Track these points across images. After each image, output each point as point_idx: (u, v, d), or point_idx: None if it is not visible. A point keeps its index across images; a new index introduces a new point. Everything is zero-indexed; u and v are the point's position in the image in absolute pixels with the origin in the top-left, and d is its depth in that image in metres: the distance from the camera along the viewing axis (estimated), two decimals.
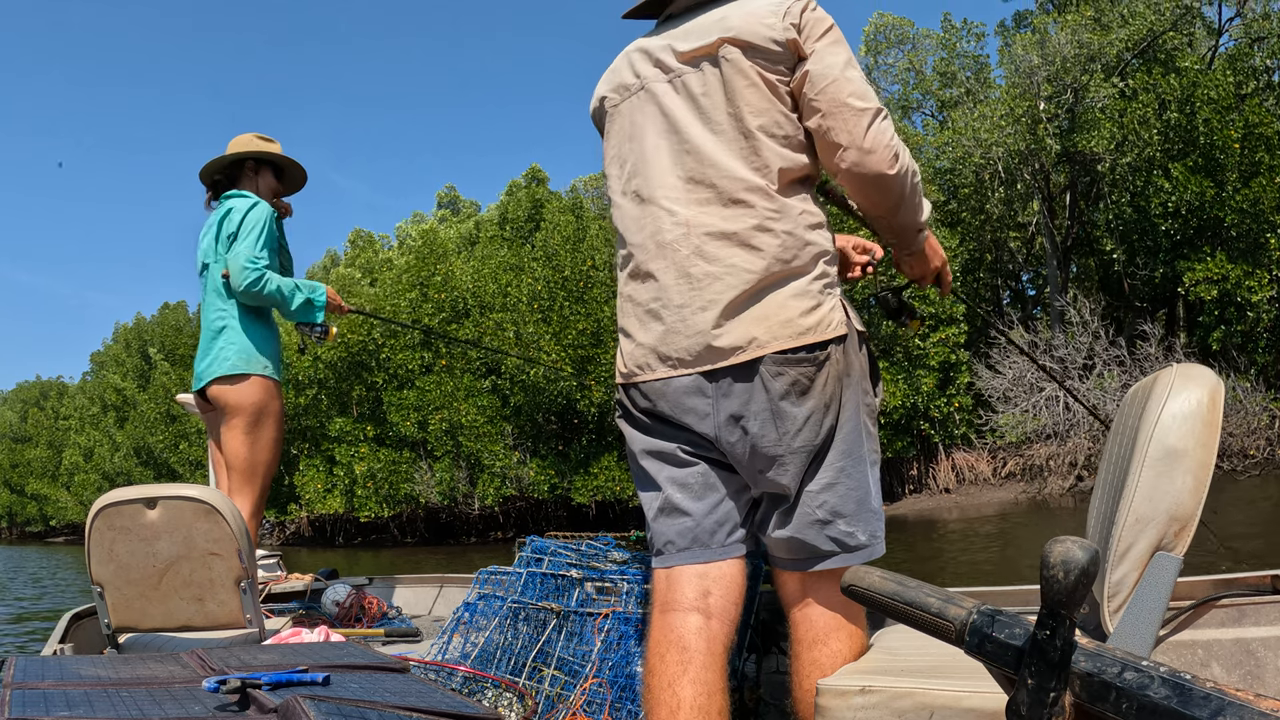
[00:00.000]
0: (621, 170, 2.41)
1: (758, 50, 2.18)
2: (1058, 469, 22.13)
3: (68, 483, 54.56)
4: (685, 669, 2.14)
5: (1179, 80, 22.46)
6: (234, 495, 4.03)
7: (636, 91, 2.39)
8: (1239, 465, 19.66)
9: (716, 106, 2.24)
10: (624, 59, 2.46)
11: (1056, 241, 26.45)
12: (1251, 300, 20.71)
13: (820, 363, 2.15)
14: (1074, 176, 25.99)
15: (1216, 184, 21.39)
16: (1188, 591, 2.52)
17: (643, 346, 2.29)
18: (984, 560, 11.82)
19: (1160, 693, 0.84)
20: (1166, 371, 1.68)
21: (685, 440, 2.29)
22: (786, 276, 2.17)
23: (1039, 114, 24.65)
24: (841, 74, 2.15)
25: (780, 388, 2.13)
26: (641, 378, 2.30)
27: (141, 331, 55.07)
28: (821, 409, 2.16)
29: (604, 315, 24.52)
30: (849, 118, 2.13)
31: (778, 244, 2.17)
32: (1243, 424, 20.18)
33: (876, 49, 30.35)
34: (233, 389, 4.00)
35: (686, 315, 2.20)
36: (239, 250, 3.95)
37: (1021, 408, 22.36)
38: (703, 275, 2.19)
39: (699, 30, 2.28)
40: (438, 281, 29.14)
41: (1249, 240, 20.97)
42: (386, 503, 28.82)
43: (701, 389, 2.21)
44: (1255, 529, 11.72)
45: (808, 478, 2.19)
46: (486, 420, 27.06)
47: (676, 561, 2.28)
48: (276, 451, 4.12)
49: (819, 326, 2.15)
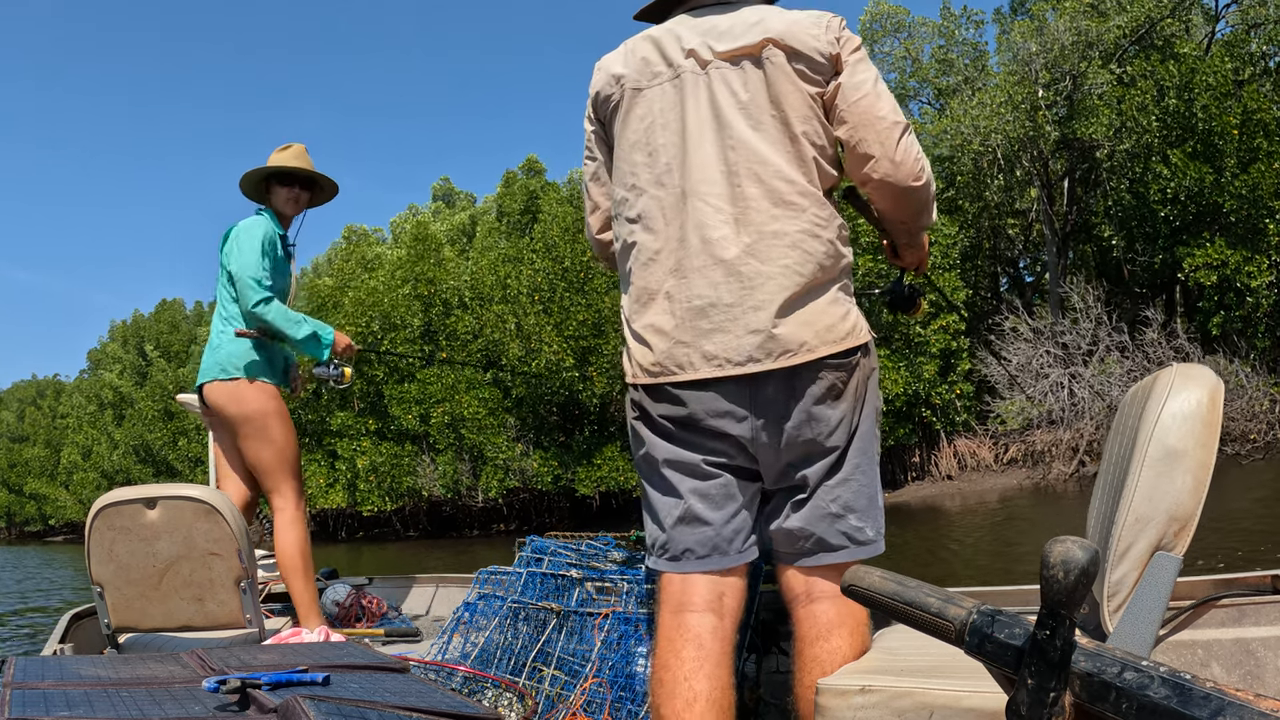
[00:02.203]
0: (652, 159, 2.33)
1: (802, 58, 2.21)
2: (1061, 454, 22.15)
3: (66, 481, 54.51)
4: (701, 664, 2.18)
5: (1177, 67, 22.40)
6: (271, 493, 4.09)
7: (670, 79, 2.33)
8: (1242, 450, 19.68)
9: (760, 107, 2.24)
10: (647, 42, 2.40)
11: (1055, 228, 26.42)
12: (1251, 285, 20.70)
13: (852, 368, 2.21)
14: (1072, 163, 25.95)
15: (1215, 170, 21.35)
16: (1188, 591, 2.53)
17: (683, 345, 2.24)
18: (987, 547, 11.82)
19: (1160, 693, 0.84)
20: (1166, 371, 1.67)
21: (710, 449, 2.27)
22: (826, 283, 2.22)
23: (1037, 101, 24.60)
24: (873, 89, 2.21)
25: (819, 391, 2.17)
26: (678, 377, 2.25)
27: (139, 329, 55.08)
28: (851, 411, 2.22)
29: (605, 306, 24.49)
30: (881, 131, 2.19)
31: (823, 251, 2.20)
32: (1244, 409, 20.19)
33: (872, 37, 30.27)
34: (228, 395, 4.03)
35: (737, 314, 2.18)
36: (240, 270, 4.00)
37: (1028, 393, 22.39)
38: (755, 274, 2.18)
39: (738, 29, 2.27)
40: (430, 276, 29.12)
41: (1248, 226, 20.96)
42: (389, 496, 28.84)
43: (742, 390, 2.21)
44: (1260, 514, 11.72)
45: (826, 474, 2.23)
46: (488, 412, 27.07)
47: (694, 569, 2.29)
48: (295, 445, 4.16)
49: (853, 332, 2.21)
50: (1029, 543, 11.66)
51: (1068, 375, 22.27)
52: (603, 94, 2.45)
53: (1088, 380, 21.77)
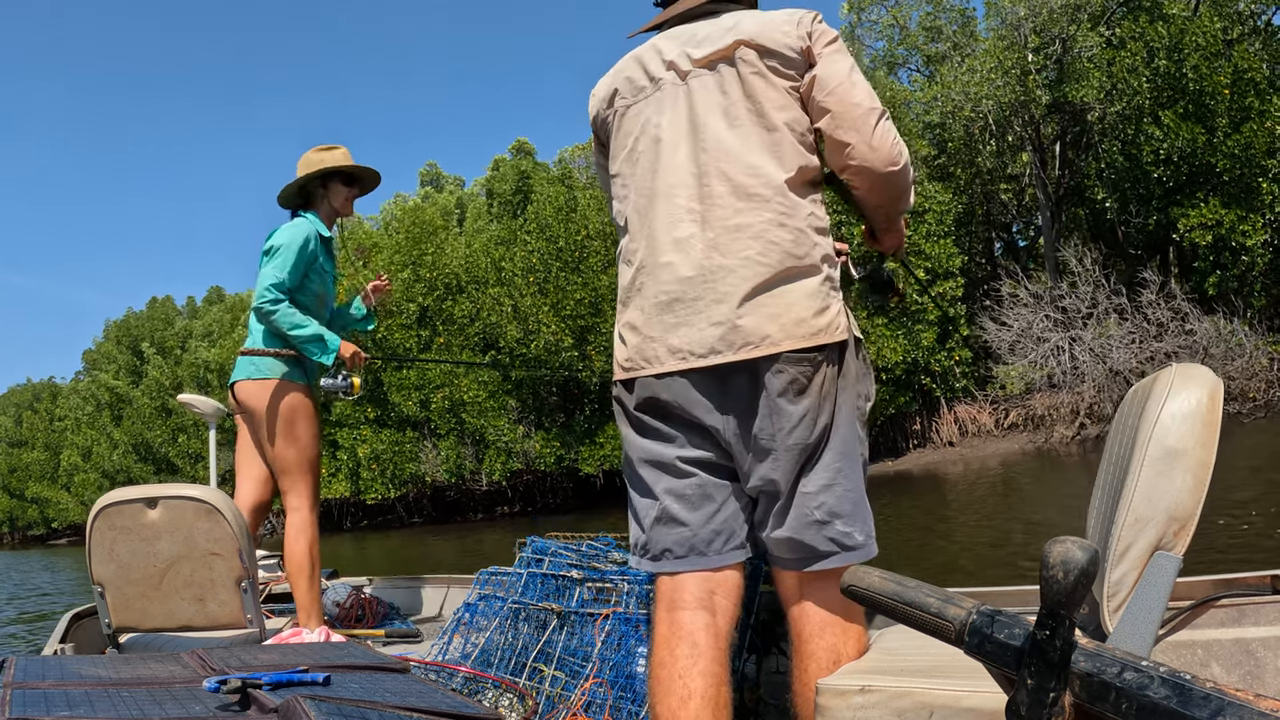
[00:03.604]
0: (634, 170, 2.42)
1: (774, 54, 2.27)
2: (1062, 417, 22.22)
3: (67, 483, 54.65)
4: (695, 662, 2.19)
5: (1166, 28, 22.34)
6: (287, 493, 4.09)
7: (652, 93, 2.42)
8: (1243, 409, 19.75)
9: (736, 103, 2.29)
10: (632, 61, 2.49)
11: (1049, 192, 26.40)
12: (1246, 244, 20.76)
13: (818, 363, 2.19)
14: (1064, 127, 25.92)
15: (1207, 130, 21.33)
16: (1187, 591, 2.53)
17: (651, 339, 2.29)
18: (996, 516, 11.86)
19: (1160, 693, 0.84)
20: (1166, 371, 1.67)
21: (685, 442, 2.30)
22: (798, 273, 2.21)
23: (1027, 65, 24.54)
24: (848, 77, 2.25)
25: (779, 385, 2.17)
26: (646, 371, 2.30)
27: (132, 327, 55.07)
28: (815, 408, 2.20)
29: (601, 284, 24.51)
30: (858, 117, 2.22)
31: (790, 239, 2.21)
32: (1244, 367, 20.26)
33: (860, 5, 30.19)
34: (258, 394, 4.05)
35: (700, 308, 2.22)
36: (264, 272, 4.04)
37: (1030, 359, 22.43)
38: (717, 269, 2.22)
39: (713, 36, 2.35)
40: (429, 260, 29.08)
41: (1241, 185, 20.99)
42: (392, 484, 28.91)
43: (708, 382, 2.23)
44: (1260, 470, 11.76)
45: (803, 477, 2.22)
46: (488, 395, 27.11)
47: (674, 568, 2.32)
48: (317, 448, 4.18)
49: (828, 329, 2.20)
50: (1035, 509, 11.69)
51: (1068, 339, 22.31)
52: (599, 117, 2.57)
53: (1088, 343, 21.81)
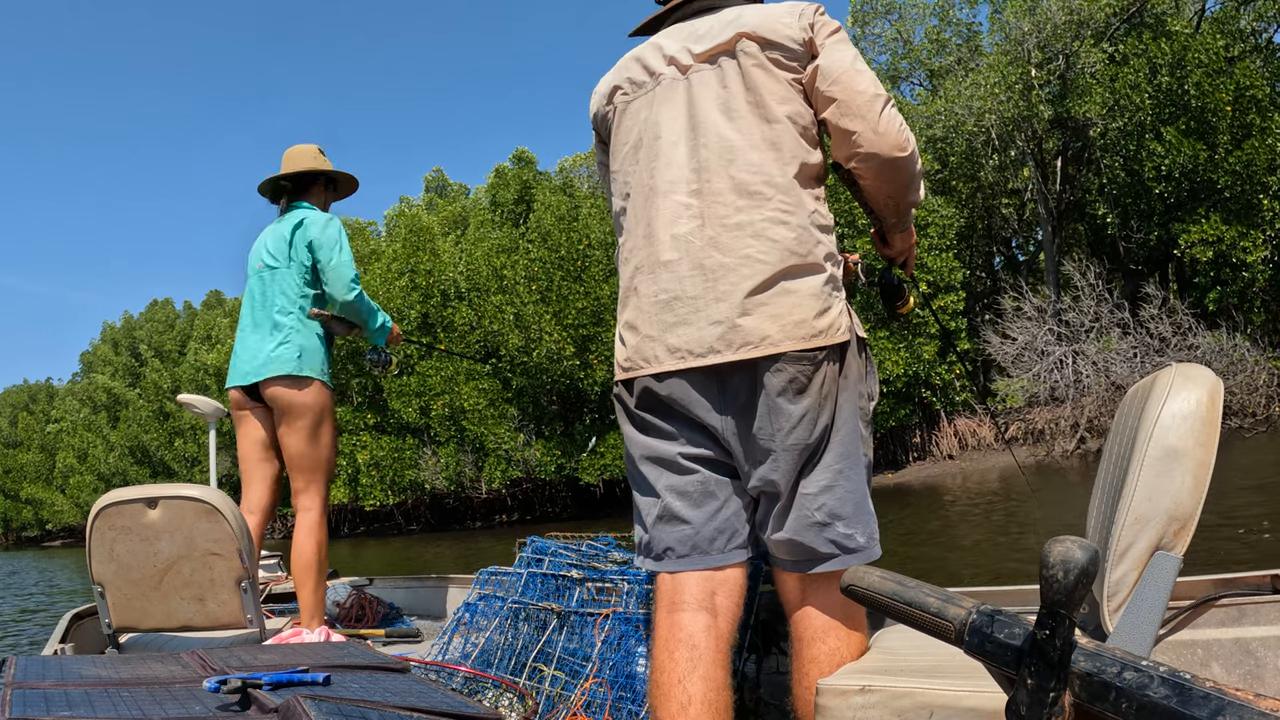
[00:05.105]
0: (635, 167, 2.41)
1: (775, 46, 2.25)
2: (1062, 431, 22.20)
3: (62, 485, 54.49)
4: (695, 665, 2.16)
5: (1168, 44, 22.38)
6: (301, 493, 4.09)
7: (652, 88, 2.40)
8: (1244, 423, 19.76)
9: (736, 96, 2.28)
10: (633, 58, 2.48)
11: (1050, 207, 26.42)
12: (1246, 261, 20.79)
13: (819, 363, 2.16)
14: (1066, 142, 25.93)
15: (1209, 146, 21.36)
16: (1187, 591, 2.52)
17: (650, 339, 2.28)
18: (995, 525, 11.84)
19: (1160, 692, 0.84)
20: (1166, 371, 1.67)
21: (686, 439, 2.29)
22: (800, 271, 2.19)
23: (1031, 80, 24.57)
24: (851, 66, 2.22)
25: (778, 384, 2.15)
26: (646, 370, 2.28)
27: (130, 330, 55.03)
28: (815, 408, 2.17)
29: (603, 293, 24.49)
30: (862, 104, 2.20)
31: (792, 237, 2.19)
32: (1245, 383, 20.29)
33: (863, 20, 30.23)
34: (297, 391, 4.05)
35: (700, 307, 2.20)
36: (340, 262, 4.11)
37: (1034, 372, 22.44)
38: (717, 267, 2.20)
39: (716, 29, 2.33)
40: (425, 268, 29.06)
41: (1242, 201, 21.02)
42: (391, 490, 28.84)
43: (707, 382, 2.22)
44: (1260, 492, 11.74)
45: (803, 478, 2.20)
46: (489, 403, 27.06)
47: (677, 567, 2.30)
48: (334, 450, 4.22)
49: (830, 330, 2.17)
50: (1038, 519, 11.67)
51: (1071, 352, 22.32)
52: (599, 114, 2.56)
53: (1090, 357, 21.82)
